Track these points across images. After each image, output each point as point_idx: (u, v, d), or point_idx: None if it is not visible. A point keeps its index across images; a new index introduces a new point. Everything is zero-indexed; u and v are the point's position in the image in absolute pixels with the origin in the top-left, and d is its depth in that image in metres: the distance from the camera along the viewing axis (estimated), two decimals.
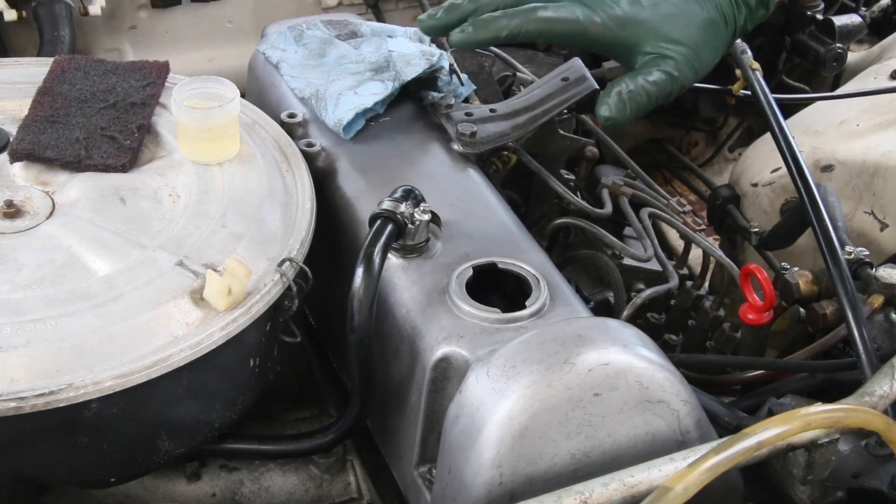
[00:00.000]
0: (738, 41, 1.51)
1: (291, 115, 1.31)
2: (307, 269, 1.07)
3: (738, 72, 1.52)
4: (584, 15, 1.15)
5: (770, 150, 1.50)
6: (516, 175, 1.44)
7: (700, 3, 1.18)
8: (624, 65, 1.21)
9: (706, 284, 1.52)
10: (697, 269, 1.54)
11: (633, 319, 1.34)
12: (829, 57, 1.84)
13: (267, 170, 1.18)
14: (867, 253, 1.26)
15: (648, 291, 1.38)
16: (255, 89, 1.45)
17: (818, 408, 0.88)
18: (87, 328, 0.96)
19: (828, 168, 1.60)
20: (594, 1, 1.15)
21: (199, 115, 1.15)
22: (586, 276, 1.49)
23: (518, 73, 1.55)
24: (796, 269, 1.36)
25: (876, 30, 2.12)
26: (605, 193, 1.49)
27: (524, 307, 1.05)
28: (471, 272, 1.08)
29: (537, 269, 1.09)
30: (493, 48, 1.56)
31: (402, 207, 1.07)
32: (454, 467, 0.96)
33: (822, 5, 1.90)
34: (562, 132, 1.46)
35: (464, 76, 1.41)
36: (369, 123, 1.31)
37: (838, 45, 1.84)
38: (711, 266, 1.50)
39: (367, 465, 1.20)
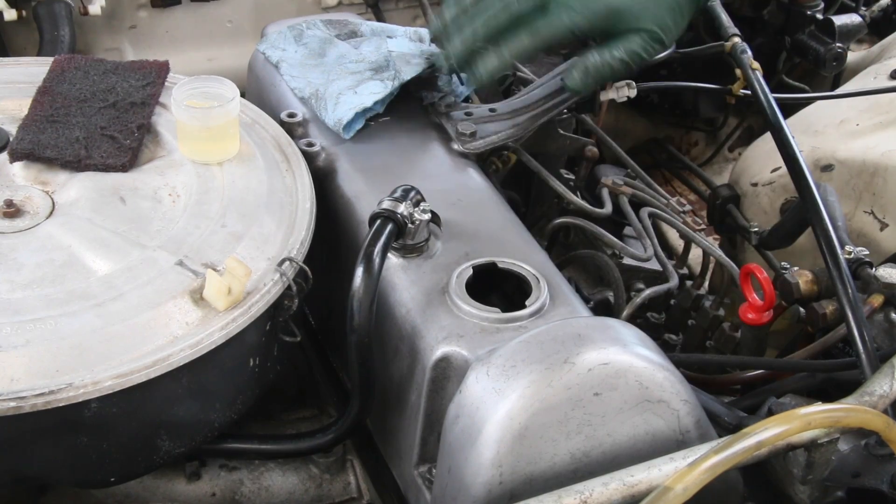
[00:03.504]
0: (738, 41, 1.51)
1: (291, 115, 1.31)
2: (307, 268, 1.07)
3: (738, 71, 1.52)
4: (571, 19, 1.22)
5: (770, 149, 1.50)
6: (516, 175, 1.44)
7: None
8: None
9: (706, 284, 1.52)
10: (697, 269, 1.54)
11: (633, 319, 1.34)
12: (829, 56, 1.84)
13: (267, 169, 1.18)
14: (867, 253, 1.26)
15: (648, 291, 1.38)
16: (255, 89, 1.45)
17: (818, 407, 0.88)
18: (86, 328, 0.96)
19: (828, 168, 1.60)
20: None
21: (199, 114, 1.15)
22: (586, 275, 1.49)
23: (518, 73, 1.54)
24: (796, 268, 1.36)
25: (876, 29, 2.12)
26: (605, 193, 1.49)
27: (524, 307, 1.05)
28: (471, 272, 1.08)
29: (537, 269, 1.09)
30: None
31: (402, 207, 1.07)
32: (454, 467, 0.96)
33: (822, 5, 1.90)
34: (562, 132, 1.46)
35: (463, 76, 1.41)
36: (369, 123, 1.31)
37: (838, 44, 1.84)
38: (711, 266, 1.50)
39: (367, 465, 1.20)
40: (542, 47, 1.25)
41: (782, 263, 1.42)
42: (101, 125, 1.20)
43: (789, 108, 1.70)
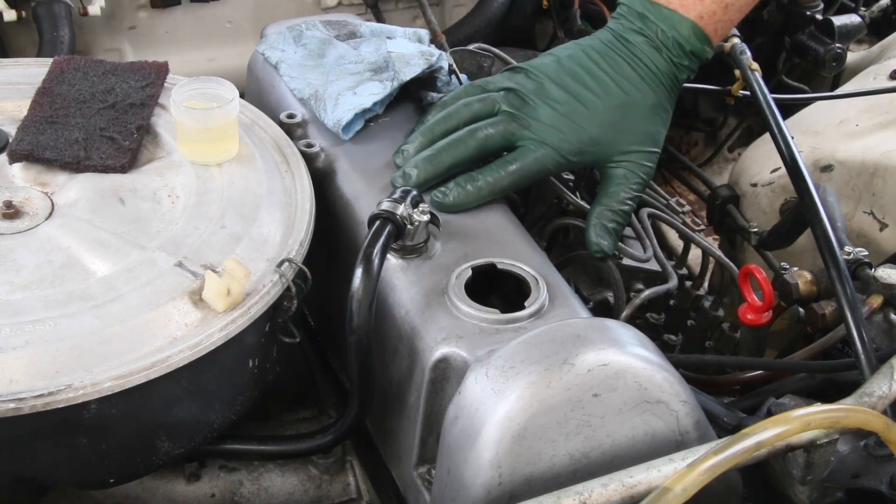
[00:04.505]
0: (737, 41, 1.51)
1: (290, 116, 1.31)
2: (306, 269, 1.07)
3: (737, 72, 1.52)
4: (544, 157, 1.21)
5: (769, 150, 1.50)
6: None
7: (646, 85, 1.24)
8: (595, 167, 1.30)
9: (705, 284, 1.52)
10: (697, 269, 1.53)
11: (633, 320, 1.34)
12: (829, 57, 1.84)
13: (266, 170, 1.18)
14: (866, 253, 1.25)
15: (648, 292, 1.38)
16: (255, 90, 1.45)
17: (817, 408, 0.88)
18: (86, 329, 0.96)
19: (827, 168, 1.60)
20: (549, 132, 1.21)
21: (199, 115, 1.15)
22: (585, 276, 1.48)
23: None
24: (795, 269, 1.36)
25: (875, 30, 2.12)
26: None
27: (523, 308, 1.05)
28: (470, 273, 1.08)
29: (536, 270, 1.09)
30: (492, 48, 1.56)
31: (401, 208, 1.07)
32: (453, 468, 0.96)
33: (822, 5, 1.90)
34: None
35: (463, 76, 1.41)
36: (368, 124, 1.31)
37: (838, 45, 1.84)
38: (711, 266, 1.50)
39: (366, 466, 1.20)
40: (520, 184, 1.23)
41: (782, 264, 1.42)
42: (101, 126, 1.20)
43: (789, 109, 1.70)
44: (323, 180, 1.25)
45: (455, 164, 1.21)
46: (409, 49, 1.36)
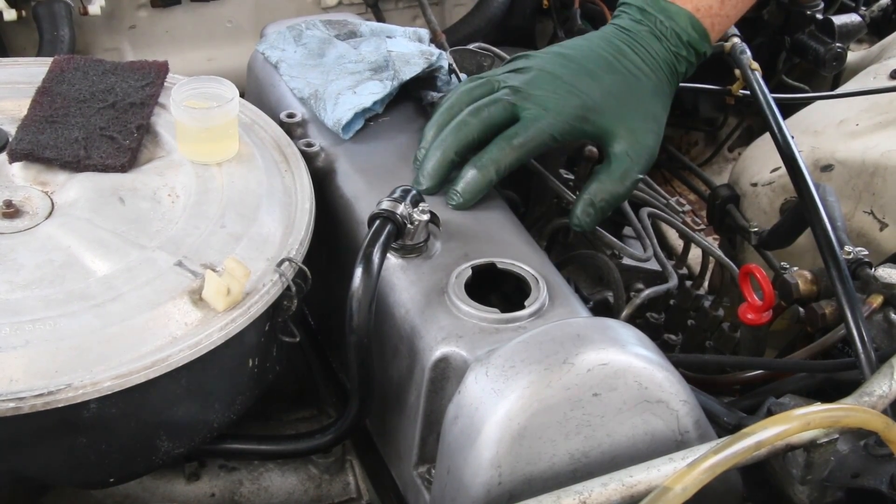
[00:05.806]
0: (738, 41, 1.51)
1: (290, 115, 1.31)
2: (306, 269, 1.07)
3: (737, 72, 1.52)
4: (546, 124, 1.21)
5: (770, 149, 1.50)
6: (516, 175, 1.43)
7: (647, 68, 1.27)
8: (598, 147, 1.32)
9: (705, 284, 1.52)
10: (697, 269, 1.54)
11: (633, 319, 1.34)
12: (829, 56, 1.84)
13: (266, 170, 1.18)
14: (866, 253, 1.25)
15: (648, 291, 1.38)
16: (255, 89, 1.45)
17: (817, 407, 0.88)
18: (85, 328, 0.96)
19: (827, 168, 1.60)
20: (550, 98, 1.21)
21: (199, 115, 1.15)
22: (586, 276, 1.48)
23: None
24: (795, 268, 1.36)
25: (876, 29, 2.12)
26: None
27: (523, 307, 1.05)
28: (470, 272, 1.08)
29: (536, 270, 1.09)
30: (492, 47, 1.56)
31: (401, 207, 1.07)
32: (453, 467, 0.96)
33: (822, 5, 1.90)
34: None
35: (463, 76, 1.41)
36: (368, 123, 1.31)
37: (838, 44, 1.84)
38: (711, 266, 1.50)
39: (366, 465, 1.20)
40: (525, 157, 1.22)
41: (782, 263, 1.42)
42: (101, 125, 1.19)
43: (789, 108, 1.70)
44: (323, 180, 1.25)
45: (462, 146, 1.20)
46: (409, 48, 1.36)
